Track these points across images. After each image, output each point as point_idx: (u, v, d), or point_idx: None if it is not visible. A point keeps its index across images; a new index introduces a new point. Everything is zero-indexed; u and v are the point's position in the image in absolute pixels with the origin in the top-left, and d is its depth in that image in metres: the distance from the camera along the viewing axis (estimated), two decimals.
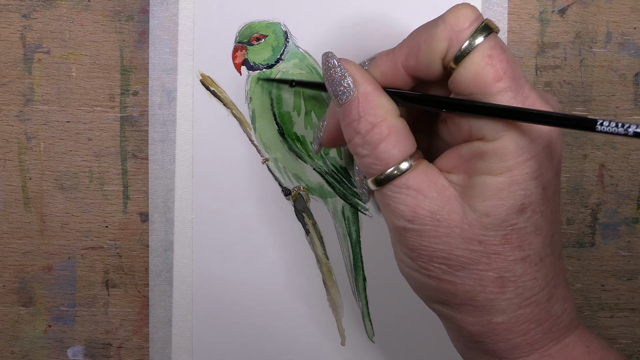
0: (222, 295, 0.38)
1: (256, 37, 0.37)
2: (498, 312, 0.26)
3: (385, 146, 0.26)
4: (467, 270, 0.26)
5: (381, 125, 0.26)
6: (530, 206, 0.26)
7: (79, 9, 0.37)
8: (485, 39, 0.25)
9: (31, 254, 0.38)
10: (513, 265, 0.26)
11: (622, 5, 0.38)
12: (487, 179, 0.25)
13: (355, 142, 0.27)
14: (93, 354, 0.39)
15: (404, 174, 0.26)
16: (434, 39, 0.26)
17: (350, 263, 0.38)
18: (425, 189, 0.26)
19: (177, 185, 0.37)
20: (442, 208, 0.26)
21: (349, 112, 0.27)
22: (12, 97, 0.38)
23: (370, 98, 0.27)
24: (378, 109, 0.27)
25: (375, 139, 0.26)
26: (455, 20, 0.26)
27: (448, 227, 0.26)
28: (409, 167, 0.26)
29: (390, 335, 0.38)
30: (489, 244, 0.26)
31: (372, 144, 0.26)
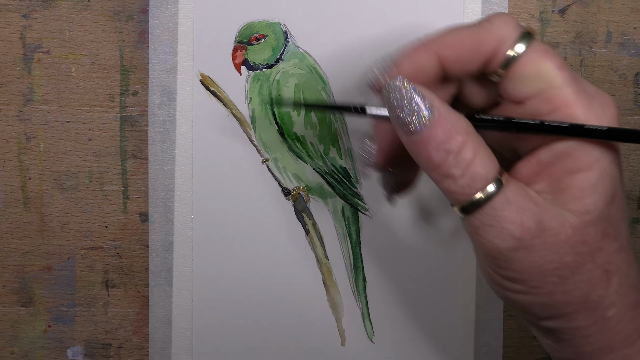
0: (222, 295, 0.38)
1: (256, 37, 0.37)
2: (610, 306, 0.26)
3: (477, 163, 0.25)
4: (577, 275, 0.25)
5: (468, 142, 0.25)
6: (618, 193, 0.26)
7: (79, 8, 0.37)
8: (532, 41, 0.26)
9: (31, 254, 0.38)
10: (614, 257, 0.26)
11: (622, 5, 0.38)
12: (579, 177, 0.25)
13: (449, 163, 0.25)
14: (93, 354, 0.39)
15: (501, 191, 0.25)
16: (482, 38, 0.26)
17: (350, 263, 0.38)
18: (524, 202, 0.25)
19: (177, 185, 0.37)
20: (543, 217, 0.25)
21: (435, 135, 0.25)
22: (12, 97, 0.38)
23: (453, 116, 0.25)
24: (462, 125, 0.25)
25: (468, 157, 0.25)
26: (502, 23, 0.26)
27: (554, 235, 0.25)
28: (501, 183, 0.25)
29: (390, 335, 0.38)
30: (591, 241, 0.25)
31: (465, 162, 0.25)
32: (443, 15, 0.37)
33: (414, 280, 0.38)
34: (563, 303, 0.26)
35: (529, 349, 0.39)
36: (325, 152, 0.38)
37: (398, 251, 0.38)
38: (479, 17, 0.37)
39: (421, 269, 0.38)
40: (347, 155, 0.38)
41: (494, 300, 0.38)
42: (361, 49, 0.37)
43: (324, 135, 0.37)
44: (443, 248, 0.37)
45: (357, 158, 0.32)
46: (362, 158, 0.30)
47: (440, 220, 0.38)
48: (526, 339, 0.39)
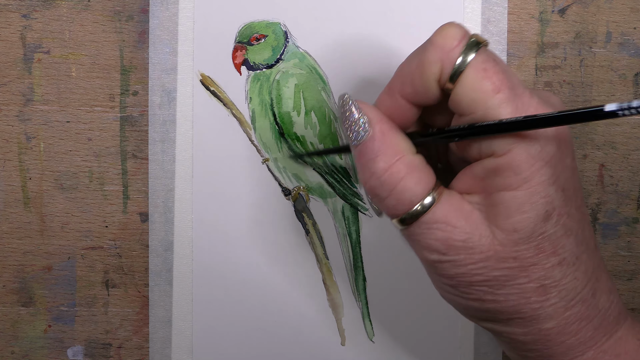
0: (222, 295, 0.38)
1: (256, 37, 0.37)
2: (546, 319, 0.26)
3: (406, 184, 0.26)
4: (508, 287, 0.26)
5: (398, 164, 0.26)
6: (555, 211, 0.25)
7: (79, 9, 0.37)
8: (477, 53, 0.25)
9: (31, 254, 0.38)
10: (551, 272, 0.26)
11: (622, 5, 0.38)
12: (507, 195, 0.25)
13: (372, 184, 0.26)
14: (93, 354, 0.39)
15: (431, 209, 0.26)
16: (426, 63, 0.26)
17: (350, 263, 0.38)
18: (454, 219, 0.26)
19: (177, 185, 0.37)
20: (472, 235, 0.26)
21: (364, 152, 0.26)
22: (12, 97, 0.38)
23: (386, 136, 0.26)
24: (394, 147, 0.26)
25: (394, 178, 0.26)
26: (443, 41, 0.26)
27: (481, 253, 0.26)
28: (432, 201, 0.26)
29: (390, 335, 0.38)
30: (523, 258, 0.25)
31: (390, 184, 0.26)
32: (443, 15, 0.37)
33: (414, 280, 0.38)
34: (495, 310, 0.27)
35: None
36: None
37: (398, 251, 0.38)
38: (479, 17, 0.37)
39: (421, 268, 0.38)
40: (347, 155, 0.38)
41: None
42: (361, 49, 0.37)
43: (324, 135, 0.37)
44: None
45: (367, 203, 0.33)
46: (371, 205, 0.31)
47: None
48: None
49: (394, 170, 0.26)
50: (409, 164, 0.26)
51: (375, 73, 0.37)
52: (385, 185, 0.26)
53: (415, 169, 0.26)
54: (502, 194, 0.25)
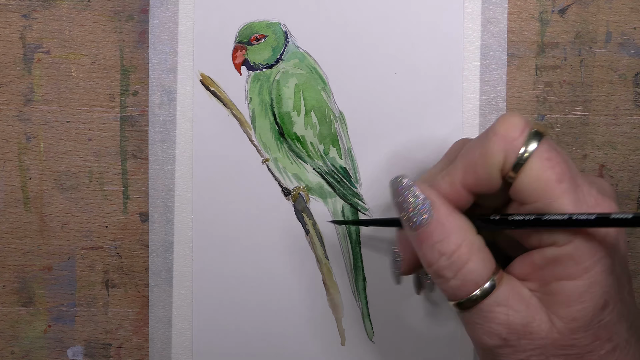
0: (222, 295, 0.38)
1: (256, 37, 0.37)
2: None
3: (472, 266, 0.26)
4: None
5: (464, 246, 0.26)
6: (611, 299, 0.26)
7: (79, 9, 0.37)
8: (540, 143, 0.25)
9: (31, 254, 0.38)
10: (605, 358, 0.26)
11: (622, 5, 0.38)
12: (567, 285, 0.25)
13: (440, 265, 0.26)
14: (93, 354, 0.39)
15: (493, 293, 0.26)
16: (490, 152, 0.26)
17: (350, 263, 0.38)
18: (515, 303, 0.26)
19: (177, 185, 0.37)
20: (533, 320, 0.26)
21: (430, 234, 0.26)
22: (12, 97, 0.38)
23: (452, 218, 0.27)
24: (460, 229, 0.26)
25: (462, 260, 0.26)
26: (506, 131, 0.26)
27: (541, 338, 0.26)
28: (494, 285, 0.26)
29: (390, 335, 0.38)
30: (581, 345, 0.26)
31: (458, 264, 0.26)
32: (443, 15, 0.37)
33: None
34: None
35: None
36: (325, 152, 0.38)
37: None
38: (479, 17, 0.37)
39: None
40: (347, 155, 0.38)
41: None
42: (361, 49, 0.37)
43: (324, 135, 0.37)
44: None
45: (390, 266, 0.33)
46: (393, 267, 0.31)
47: None
48: None
49: (462, 252, 0.26)
50: (474, 245, 0.26)
51: (376, 73, 0.37)
52: (454, 266, 0.26)
53: (480, 250, 0.26)
54: (561, 283, 0.25)
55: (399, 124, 0.37)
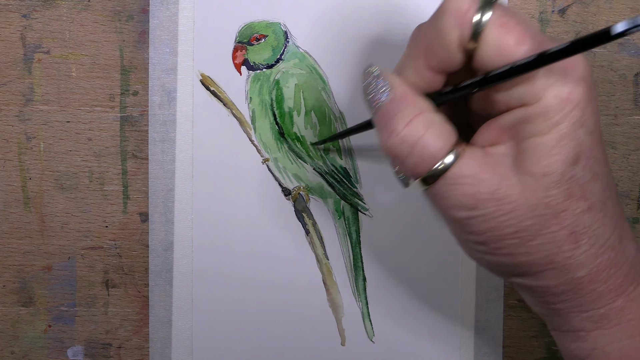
0: (222, 295, 0.38)
1: (256, 37, 0.37)
2: (578, 267, 0.26)
3: (428, 140, 0.26)
4: (540, 237, 0.26)
5: (417, 120, 0.26)
6: (583, 154, 0.25)
7: (79, 9, 0.37)
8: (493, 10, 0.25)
9: (31, 254, 0.38)
10: (581, 218, 0.26)
11: (622, 5, 0.38)
12: (537, 140, 0.25)
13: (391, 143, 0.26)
14: (93, 354, 0.39)
15: (455, 164, 0.26)
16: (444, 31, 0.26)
17: (350, 263, 0.38)
18: (479, 172, 0.26)
19: (177, 185, 0.37)
20: (500, 185, 0.26)
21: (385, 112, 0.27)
22: (12, 97, 0.38)
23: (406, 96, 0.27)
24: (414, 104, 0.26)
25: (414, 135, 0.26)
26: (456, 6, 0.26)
27: (511, 202, 0.25)
28: (456, 157, 0.26)
29: (390, 335, 0.38)
30: (554, 203, 0.25)
31: (410, 140, 0.26)
32: None
33: (414, 280, 0.38)
34: (527, 263, 0.27)
35: (529, 349, 0.39)
36: (325, 152, 0.38)
37: (398, 251, 0.38)
38: None
39: (421, 269, 0.38)
40: (347, 155, 0.38)
41: (494, 300, 0.38)
42: (361, 49, 0.37)
43: (324, 135, 0.37)
44: (443, 248, 0.38)
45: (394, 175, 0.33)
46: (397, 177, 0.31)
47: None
48: (526, 339, 0.39)
49: (413, 127, 0.26)
50: (428, 121, 0.26)
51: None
52: (405, 142, 0.26)
53: (435, 125, 0.26)
54: (531, 140, 0.25)
55: None
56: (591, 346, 0.28)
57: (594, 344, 0.28)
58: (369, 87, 0.27)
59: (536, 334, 0.38)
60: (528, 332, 0.38)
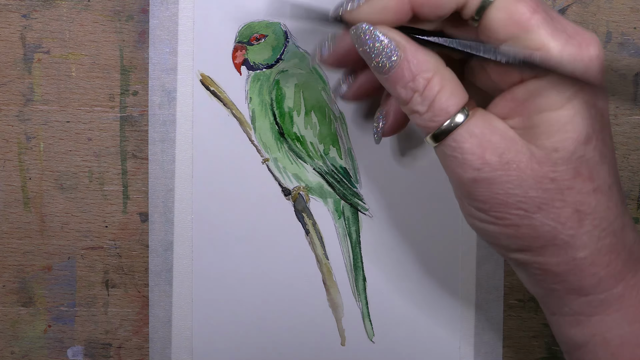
0: (222, 295, 0.38)
1: (256, 37, 0.37)
2: (580, 247, 0.26)
3: (441, 97, 0.26)
4: (544, 211, 0.26)
5: (434, 78, 0.26)
6: (595, 134, 0.25)
7: (79, 9, 0.37)
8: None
9: (31, 254, 0.38)
10: (587, 198, 0.26)
11: (622, 5, 0.38)
12: (550, 115, 0.25)
13: (415, 101, 0.26)
14: (93, 354, 0.39)
15: (464, 123, 0.26)
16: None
17: (350, 263, 0.38)
18: (489, 134, 0.26)
19: (177, 185, 0.37)
20: (508, 150, 0.26)
21: (401, 75, 0.26)
22: (12, 97, 0.38)
23: (418, 55, 0.26)
24: (428, 62, 0.26)
25: (432, 93, 0.26)
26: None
27: (518, 169, 0.25)
28: (467, 115, 0.26)
29: (390, 335, 0.38)
30: (561, 179, 0.25)
31: (429, 97, 0.26)
32: None
33: (414, 280, 0.38)
34: (530, 237, 0.26)
35: (529, 349, 0.39)
36: (325, 152, 0.38)
37: (398, 251, 0.38)
38: None
39: (421, 269, 0.38)
40: (347, 155, 0.38)
41: (494, 300, 0.38)
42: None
43: (324, 135, 0.37)
44: (443, 248, 0.38)
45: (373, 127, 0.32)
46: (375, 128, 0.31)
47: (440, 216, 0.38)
48: (526, 338, 0.39)
49: (433, 84, 0.26)
50: (443, 78, 0.26)
51: None
52: (426, 100, 0.26)
53: (450, 81, 0.26)
54: (544, 114, 0.25)
55: None
56: (591, 332, 0.28)
57: (594, 330, 0.28)
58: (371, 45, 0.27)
59: (536, 334, 0.38)
60: (528, 332, 0.38)
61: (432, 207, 0.37)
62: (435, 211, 0.37)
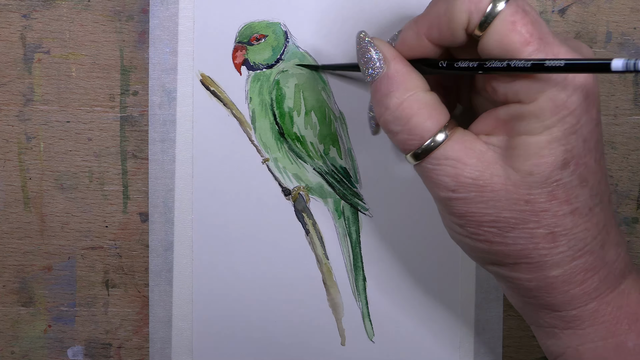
0: (222, 295, 0.38)
1: (256, 37, 0.37)
2: (553, 267, 0.27)
3: (418, 120, 0.27)
4: (517, 230, 0.26)
5: (411, 100, 0.27)
6: (573, 160, 0.26)
7: (79, 9, 0.37)
8: (507, 4, 0.25)
9: (31, 254, 0.38)
10: (562, 220, 0.26)
11: (622, 5, 0.38)
12: (528, 139, 0.26)
13: (385, 119, 0.27)
14: (93, 354, 0.39)
15: (441, 145, 0.27)
16: (454, 11, 0.26)
17: (350, 263, 0.38)
18: (465, 157, 0.26)
19: (177, 185, 0.37)
20: (483, 173, 0.26)
21: (379, 88, 0.27)
22: (12, 97, 0.38)
23: (400, 74, 0.27)
24: (407, 83, 0.27)
25: (405, 114, 0.27)
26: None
27: (492, 191, 0.26)
28: (445, 138, 0.27)
29: (390, 335, 0.38)
30: (535, 202, 0.26)
31: (402, 118, 0.27)
32: None
33: (414, 280, 0.38)
34: (502, 253, 0.27)
35: (529, 349, 0.39)
36: (325, 152, 0.38)
37: (398, 251, 0.38)
38: None
39: (421, 269, 0.38)
40: (347, 155, 0.38)
41: (494, 300, 0.38)
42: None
43: (324, 135, 0.37)
44: (443, 248, 0.38)
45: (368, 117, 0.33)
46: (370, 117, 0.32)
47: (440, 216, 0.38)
48: (526, 338, 0.39)
49: (406, 106, 0.27)
50: (421, 101, 0.27)
51: None
52: (398, 120, 0.27)
53: (427, 106, 0.27)
54: (522, 138, 0.26)
55: None
56: (565, 344, 0.28)
57: (568, 343, 0.28)
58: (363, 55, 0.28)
59: None
60: (528, 332, 0.38)
61: (432, 207, 0.37)
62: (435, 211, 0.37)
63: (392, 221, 0.38)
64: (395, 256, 0.38)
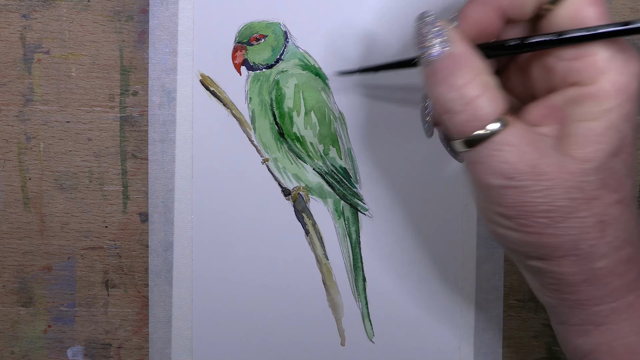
0: (222, 295, 0.38)
1: (256, 37, 0.37)
2: (599, 257, 0.26)
3: (482, 102, 0.26)
4: (569, 220, 0.26)
5: (477, 81, 0.26)
6: (625, 148, 0.26)
7: (79, 9, 0.37)
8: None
9: (31, 254, 0.38)
10: (611, 209, 0.26)
11: (622, 6, 0.38)
12: (585, 125, 0.25)
13: (448, 97, 0.26)
14: (93, 354, 0.39)
15: (501, 131, 0.26)
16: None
17: (350, 263, 0.38)
18: (524, 144, 0.26)
19: (177, 185, 0.37)
20: (541, 161, 0.26)
21: (443, 67, 0.26)
22: (12, 97, 0.38)
23: (467, 54, 0.27)
24: (473, 64, 0.26)
25: (471, 94, 0.26)
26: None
27: (549, 180, 0.26)
28: (503, 124, 0.26)
29: (390, 335, 0.38)
30: (588, 189, 0.26)
31: (467, 98, 0.26)
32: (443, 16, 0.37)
33: (413, 280, 0.38)
34: (551, 246, 0.27)
35: (529, 349, 0.39)
36: (325, 152, 0.38)
37: (398, 251, 0.38)
38: None
39: (421, 269, 0.38)
40: (347, 156, 0.38)
41: (494, 300, 0.38)
42: (361, 50, 0.37)
43: (324, 135, 0.37)
44: (443, 248, 0.38)
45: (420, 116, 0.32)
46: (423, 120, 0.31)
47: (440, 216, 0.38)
48: (526, 338, 0.39)
49: (472, 87, 0.26)
50: (486, 84, 0.26)
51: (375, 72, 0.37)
52: (463, 99, 0.26)
53: (491, 90, 0.26)
54: (579, 124, 0.25)
55: (399, 123, 0.37)
56: (598, 340, 0.28)
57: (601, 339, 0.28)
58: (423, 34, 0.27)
59: (536, 334, 0.38)
60: (528, 332, 0.38)
61: (432, 207, 0.37)
62: (435, 211, 0.38)
63: (392, 221, 0.38)
64: (395, 256, 0.38)
